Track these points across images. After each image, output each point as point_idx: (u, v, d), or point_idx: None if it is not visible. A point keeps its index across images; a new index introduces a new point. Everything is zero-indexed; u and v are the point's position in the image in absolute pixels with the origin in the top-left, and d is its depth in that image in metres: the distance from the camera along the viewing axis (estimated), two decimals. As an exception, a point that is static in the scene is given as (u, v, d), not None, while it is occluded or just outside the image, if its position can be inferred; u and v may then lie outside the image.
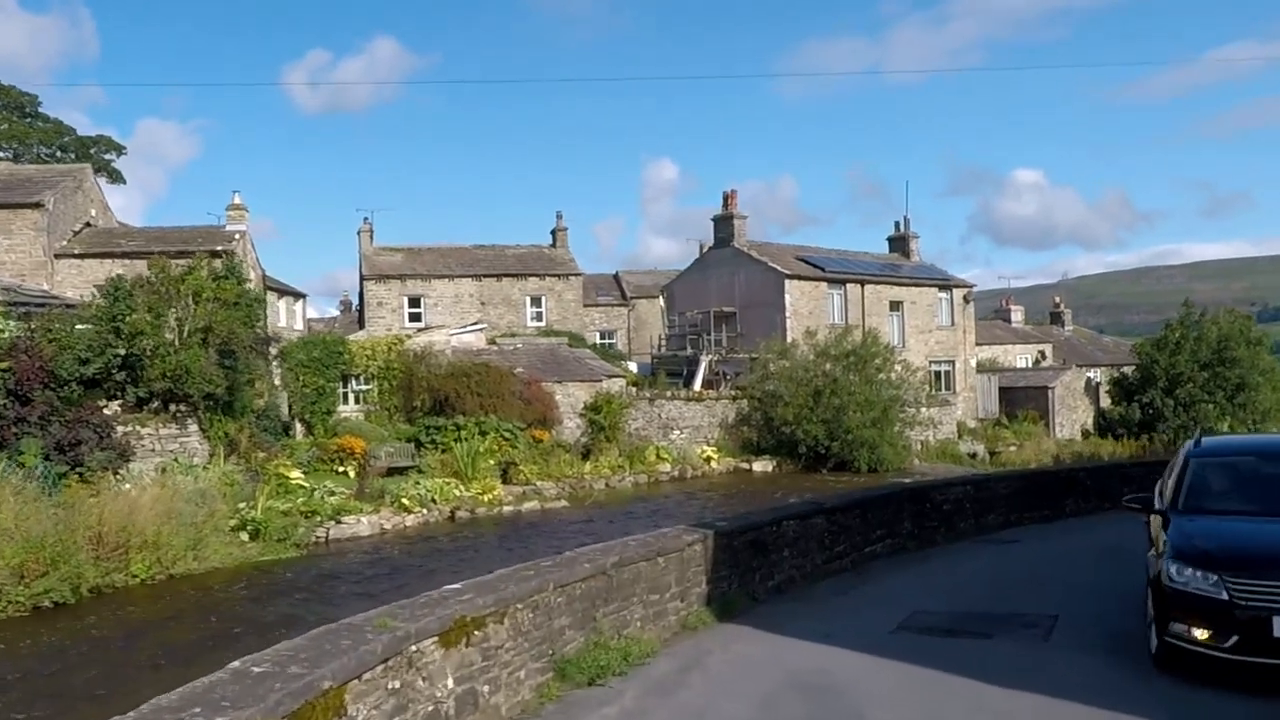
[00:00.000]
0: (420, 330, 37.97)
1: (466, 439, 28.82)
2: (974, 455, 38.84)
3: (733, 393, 36.95)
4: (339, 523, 20.82)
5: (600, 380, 34.34)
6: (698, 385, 39.53)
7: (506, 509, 24.64)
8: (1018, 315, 62.16)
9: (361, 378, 32.05)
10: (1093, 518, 15.07)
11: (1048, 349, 56.66)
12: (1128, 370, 45.71)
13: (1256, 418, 43.57)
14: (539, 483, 27.58)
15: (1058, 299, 69.84)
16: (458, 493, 24.90)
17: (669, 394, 35.42)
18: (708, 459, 33.38)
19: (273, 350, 29.71)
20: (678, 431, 34.98)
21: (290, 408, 30.17)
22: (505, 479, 27.49)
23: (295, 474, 24.06)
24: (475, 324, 37.29)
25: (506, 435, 30.05)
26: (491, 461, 28.60)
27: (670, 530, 9.33)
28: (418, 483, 24.14)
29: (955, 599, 9.89)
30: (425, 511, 22.94)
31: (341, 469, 27.36)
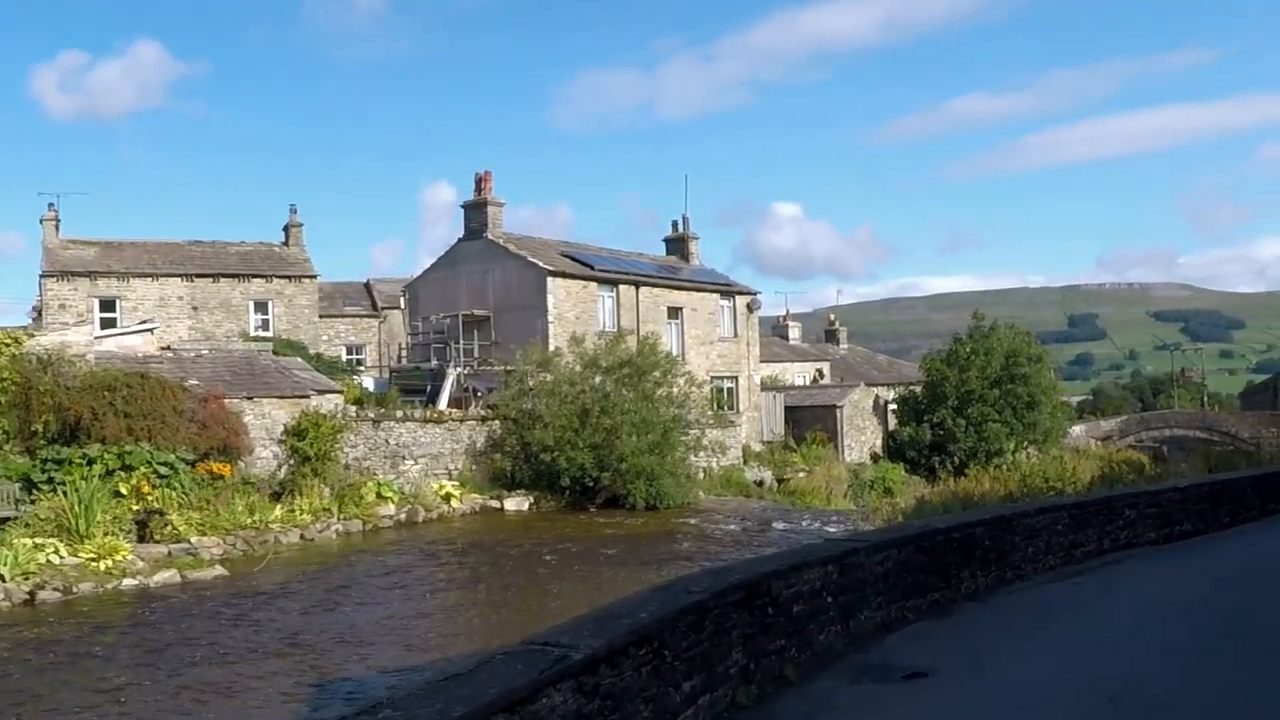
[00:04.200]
0: (54, 328, 28.82)
1: (101, 475, 20.59)
2: (761, 483, 33.93)
3: (483, 412, 30.14)
4: None
5: (308, 396, 26.63)
6: (443, 404, 32.42)
7: (130, 582, 16.82)
8: (795, 332, 59.07)
9: (-49, 392, 22.85)
10: (1003, 600, 9.47)
11: (825, 367, 53.63)
12: (917, 389, 42.53)
13: (1039, 438, 41.38)
14: (196, 538, 19.72)
15: (833, 317, 67.86)
16: (57, 559, 16.82)
17: (399, 414, 28.14)
18: (447, 496, 26.36)
19: None
20: (411, 462, 27.75)
21: None
22: (145, 535, 19.48)
23: None
24: (143, 323, 28.60)
25: (163, 470, 21.92)
26: (136, 506, 20.54)
27: None
28: (-26, 549, 15.83)
29: None
30: (-26, 597, 14.76)
31: (-113, 525, 18.53)
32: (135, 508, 20.59)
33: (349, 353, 48.00)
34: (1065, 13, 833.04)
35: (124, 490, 21.01)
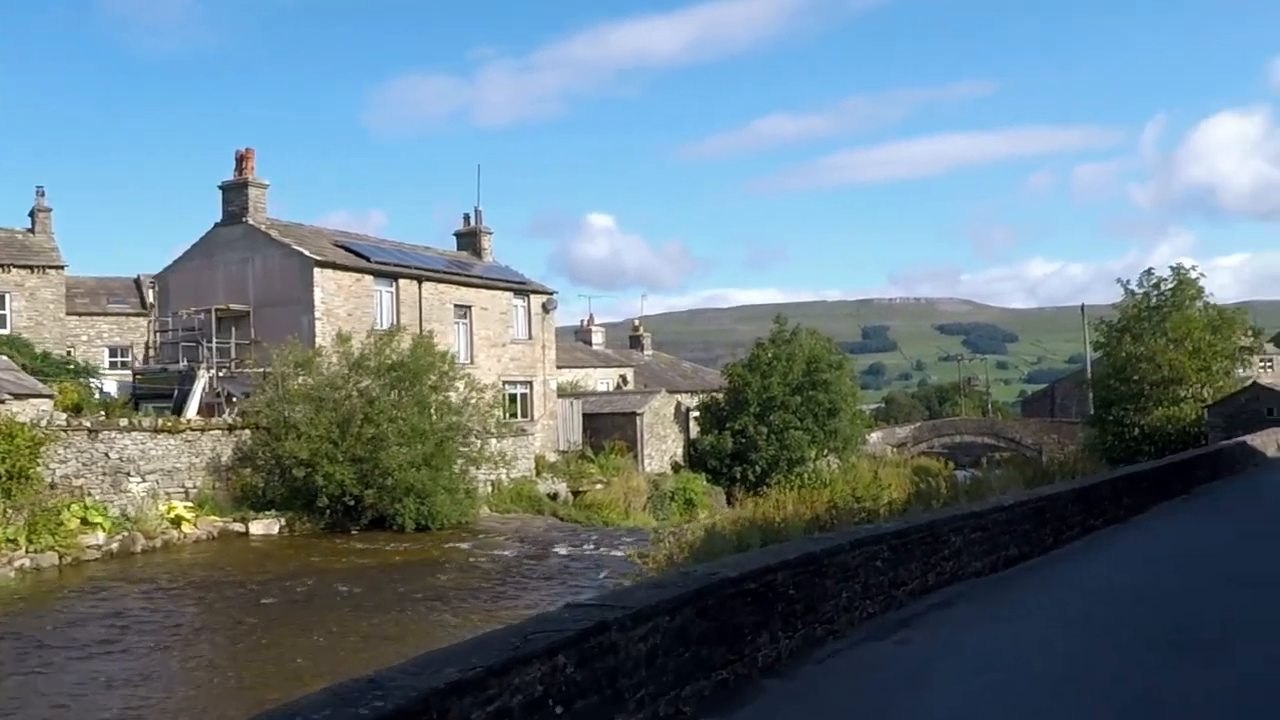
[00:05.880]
0: None
1: None
2: (555, 496, 31.34)
3: (231, 420, 26.14)
4: None
5: (3, 401, 22.00)
6: (192, 410, 28.13)
7: None
8: (599, 338, 56.92)
9: None
10: (814, 673, 7.12)
11: (629, 373, 51.80)
12: (719, 396, 41.09)
13: (840, 445, 40.74)
14: None
15: (637, 322, 66.30)
16: None
17: (124, 423, 23.80)
18: (177, 520, 22.35)
19: None
20: (137, 479, 23.47)
21: None
22: None
23: None
24: None
25: None
26: None
27: None
28: None
29: None
30: None
31: None
32: None
33: (113, 354, 42.78)
34: (860, 41, 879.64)
35: None
